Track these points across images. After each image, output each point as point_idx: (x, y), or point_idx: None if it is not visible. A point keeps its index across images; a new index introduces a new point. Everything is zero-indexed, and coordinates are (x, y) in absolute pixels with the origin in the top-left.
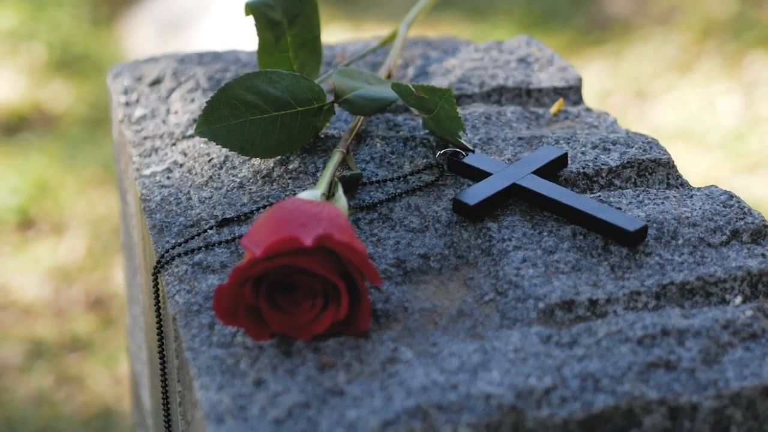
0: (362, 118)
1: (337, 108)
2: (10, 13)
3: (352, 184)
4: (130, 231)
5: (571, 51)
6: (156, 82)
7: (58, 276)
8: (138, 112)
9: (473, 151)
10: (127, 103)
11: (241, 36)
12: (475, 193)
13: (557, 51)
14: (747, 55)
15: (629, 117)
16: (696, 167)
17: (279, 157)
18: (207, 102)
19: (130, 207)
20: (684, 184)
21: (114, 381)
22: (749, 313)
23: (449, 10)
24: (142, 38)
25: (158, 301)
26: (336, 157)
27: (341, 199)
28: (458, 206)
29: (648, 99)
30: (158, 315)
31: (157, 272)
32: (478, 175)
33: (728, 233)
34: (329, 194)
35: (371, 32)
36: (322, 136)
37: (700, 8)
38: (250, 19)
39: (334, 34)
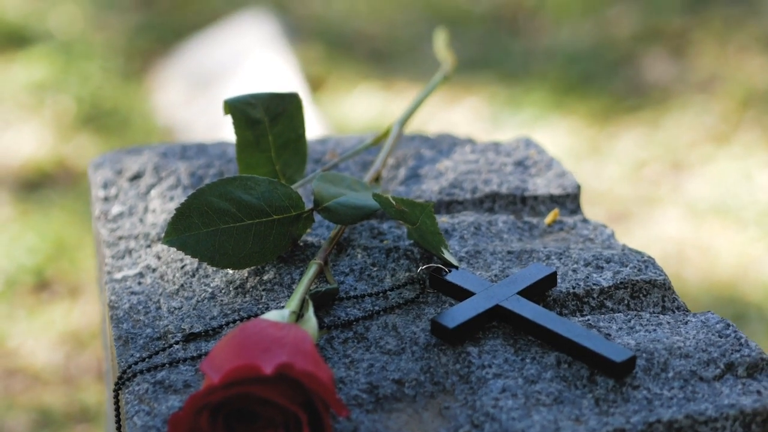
0: (343, 227)
1: (317, 215)
2: (41, 64)
3: (327, 300)
4: (106, 330)
5: (606, 117)
6: (136, 176)
7: (70, 341)
8: (115, 208)
9: (457, 268)
10: (106, 198)
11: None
12: (455, 316)
13: (592, 117)
14: None
15: (663, 189)
16: (730, 245)
17: (252, 267)
18: (176, 209)
19: (104, 308)
20: (680, 308)
21: None
22: None
23: (483, 72)
24: (172, 93)
25: (119, 419)
26: (312, 270)
27: (311, 320)
28: (437, 329)
29: (684, 170)
30: None
31: (118, 389)
32: (461, 293)
33: (722, 366)
34: (300, 313)
35: (402, 92)
36: (301, 244)
37: (741, 77)
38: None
39: (364, 93)
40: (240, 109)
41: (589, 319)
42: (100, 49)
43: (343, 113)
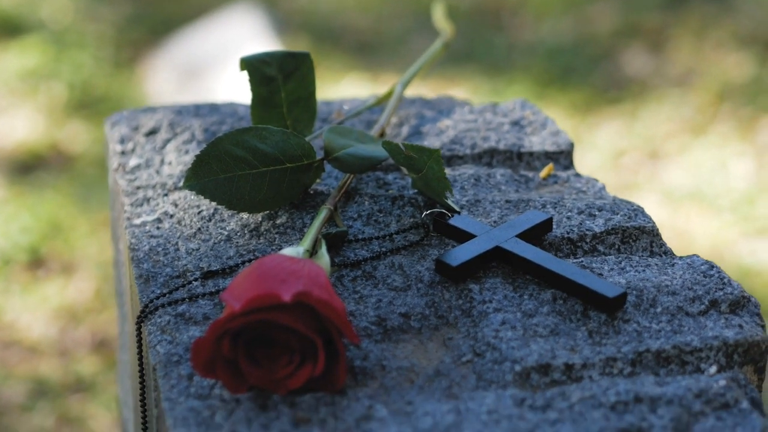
0: (352, 175)
1: (327, 165)
2: (33, 53)
3: (337, 242)
4: (121, 278)
5: (587, 109)
6: (152, 132)
7: (64, 316)
8: (133, 161)
9: (459, 213)
10: (123, 152)
11: None
12: (458, 255)
13: (573, 109)
14: (761, 119)
15: (641, 177)
16: (705, 230)
17: (267, 212)
18: (196, 156)
19: (121, 255)
20: (667, 252)
21: (115, 423)
22: (723, 383)
23: (468, 65)
24: (162, 82)
25: (141, 351)
26: (323, 214)
27: (324, 257)
28: (441, 267)
29: (661, 160)
30: (140, 364)
31: (140, 321)
32: (463, 236)
33: (707, 303)
34: (313, 251)
35: (388, 83)
36: (312, 192)
37: (717, 71)
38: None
39: (351, 84)
40: (256, 66)
41: (582, 261)
42: (91, 39)
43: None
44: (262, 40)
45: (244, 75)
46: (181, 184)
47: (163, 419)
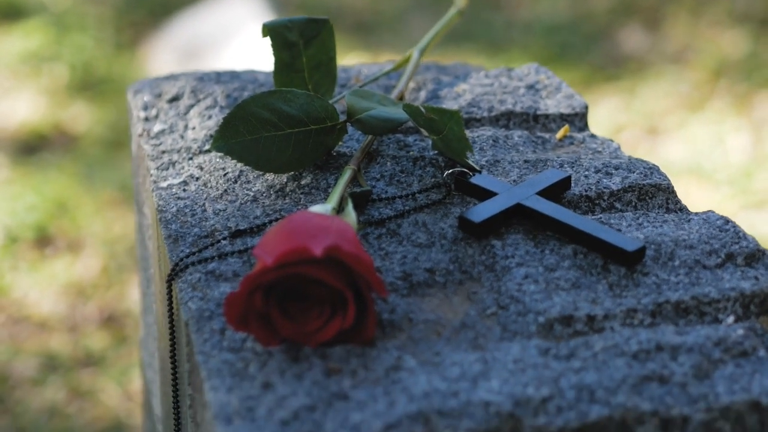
0: (373, 137)
1: (349, 127)
2: (35, 35)
3: (361, 200)
4: (146, 242)
5: (585, 86)
6: (175, 98)
7: (73, 293)
8: (157, 127)
9: (480, 172)
10: (147, 119)
11: (260, 65)
12: (481, 212)
13: (572, 85)
14: (757, 94)
15: (640, 152)
16: (704, 203)
17: (292, 172)
18: (224, 118)
19: (147, 218)
20: (683, 209)
21: (125, 396)
22: (741, 332)
23: (467, 43)
24: (162, 63)
25: (171, 308)
26: (347, 174)
27: (351, 214)
28: (464, 224)
29: (659, 135)
30: (171, 321)
31: (171, 279)
32: (484, 194)
33: (723, 256)
34: (339, 209)
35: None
36: (335, 153)
37: (713, 49)
38: (267, 40)
39: (351, 64)
40: (278, 32)
41: (601, 218)
42: (92, 21)
43: None
44: (260, 21)
45: (266, 41)
46: (206, 147)
47: (196, 372)
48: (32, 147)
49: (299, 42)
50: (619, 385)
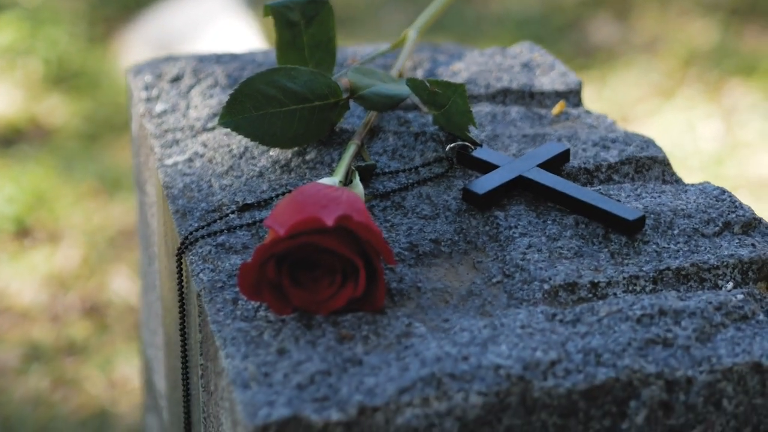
0: (375, 113)
1: (351, 104)
2: (8, 29)
3: (366, 174)
4: (148, 220)
5: None
6: (176, 79)
7: (54, 283)
8: (159, 107)
9: (481, 145)
10: (149, 99)
11: None
12: (484, 184)
13: None
14: (727, 82)
15: None
16: None
17: (296, 148)
18: (230, 94)
19: (149, 197)
20: (678, 181)
21: (109, 384)
22: (740, 297)
23: (439, 34)
24: (136, 57)
25: (181, 281)
26: (352, 149)
27: (358, 186)
28: (467, 195)
29: (630, 123)
30: (180, 293)
31: (181, 253)
32: (486, 167)
33: (720, 224)
34: (347, 181)
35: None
36: (337, 129)
37: (683, 37)
38: (269, 20)
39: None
40: (280, 11)
41: (600, 189)
42: (65, 15)
43: None
44: (235, 14)
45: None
46: (209, 125)
47: (210, 342)
48: (9, 140)
49: (300, 21)
50: (625, 349)
